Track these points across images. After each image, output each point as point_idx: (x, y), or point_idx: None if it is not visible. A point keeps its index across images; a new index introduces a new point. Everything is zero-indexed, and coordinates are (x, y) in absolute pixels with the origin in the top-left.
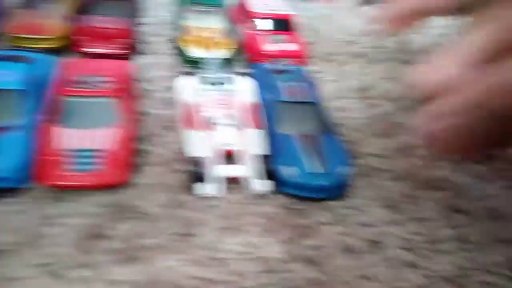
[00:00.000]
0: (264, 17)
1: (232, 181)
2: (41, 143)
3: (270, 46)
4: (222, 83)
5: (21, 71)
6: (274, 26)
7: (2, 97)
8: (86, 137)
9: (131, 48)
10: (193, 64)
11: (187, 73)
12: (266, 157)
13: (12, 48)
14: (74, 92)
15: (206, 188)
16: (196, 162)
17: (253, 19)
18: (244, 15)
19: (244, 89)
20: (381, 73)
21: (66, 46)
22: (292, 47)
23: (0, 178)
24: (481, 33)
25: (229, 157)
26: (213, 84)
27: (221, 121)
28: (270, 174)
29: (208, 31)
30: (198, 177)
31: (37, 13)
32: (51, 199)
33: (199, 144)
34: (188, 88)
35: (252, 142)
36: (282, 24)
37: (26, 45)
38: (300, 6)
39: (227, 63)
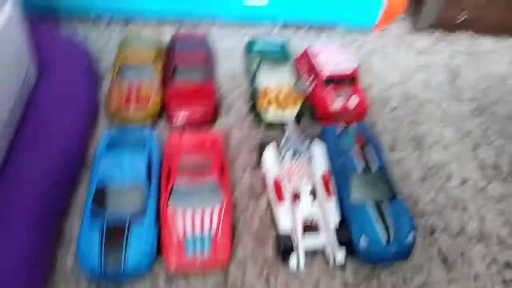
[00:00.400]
0: (332, 77)
1: (311, 252)
2: (163, 228)
3: (337, 102)
4: (300, 152)
5: (144, 157)
6: (342, 80)
7: (131, 188)
8: (197, 221)
9: (216, 109)
10: (270, 126)
11: (268, 142)
12: (340, 226)
13: (117, 126)
14: (182, 180)
15: (297, 261)
16: (285, 235)
17: (321, 77)
18: (309, 68)
19: (318, 156)
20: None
21: (159, 115)
22: (356, 101)
23: None
24: None
25: (310, 228)
26: (293, 153)
27: (303, 192)
28: (344, 244)
29: (280, 88)
30: (288, 251)
31: (133, 81)
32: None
33: (287, 217)
34: (271, 159)
35: (328, 212)
36: (349, 78)
37: (129, 120)
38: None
39: (297, 121)
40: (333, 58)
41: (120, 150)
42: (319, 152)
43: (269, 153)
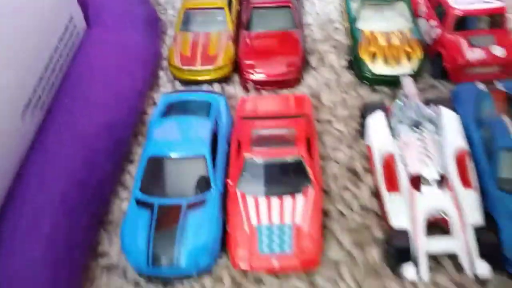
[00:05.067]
0: (468, 13)
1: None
2: (229, 215)
3: (474, 53)
4: (421, 122)
5: (206, 127)
6: (480, 22)
7: (187, 165)
8: (275, 208)
9: (301, 66)
10: (379, 85)
11: (378, 106)
12: (482, 227)
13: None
14: (256, 153)
15: (415, 270)
16: (400, 235)
17: (451, 16)
18: (434, 5)
19: (449, 127)
20: None
21: (231, 71)
22: (502, 50)
23: None
24: None
25: (438, 228)
26: (413, 123)
27: (428, 179)
28: (490, 251)
29: (391, 35)
30: (404, 255)
31: (200, 32)
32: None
33: (404, 211)
34: (382, 131)
35: (466, 207)
36: (491, 19)
37: (196, 78)
38: None
39: (417, 77)
40: None
41: (179, 116)
42: (450, 122)
43: (377, 120)
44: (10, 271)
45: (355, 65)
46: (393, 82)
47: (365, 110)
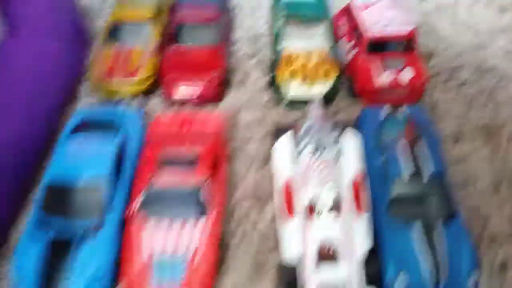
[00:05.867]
0: (379, 40)
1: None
2: (125, 245)
3: (385, 76)
4: (325, 146)
5: (112, 147)
6: (394, 45)
7: (86, 188)
8: (171, 236)
9: (223, 83)
10: (296, 104)
11: (288, 128)
12: (370, 254)
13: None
14: (158, 177)
15: None
16: (289, 269)
17: (364, 39)
18: (351, 29)
19: (349, 151)
20: None
21: (155, 84)
22: (410, 74)
23: None
24: None
25: (328, 256)
26: (316, 147)
27: (322, 204)
28: (375, 278)
29: (311, 54)
30: (293, 286)
31: (123, 46)
32: None
33: (297, 240)
34: (286, 155)
35: (357, 234)
36: (403, 43)
37: (116, 92)
38: None
39: (329, 100)
40: (383, 15)
41: (86, 134)
42: (351, 147)
43: (283, 145)
44: None
45: (274, 83)
46: (310, 102)
47: (276, 133)
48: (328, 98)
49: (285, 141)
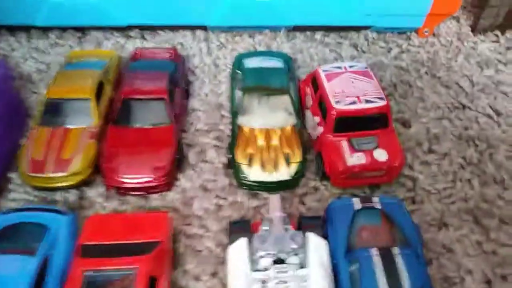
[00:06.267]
0: (349, 115)
1: None
2: None
3: (355, 158)
4: (284, 258)
5: (29, 267)
6: (364, 121)
7: None
8: None
9: (171, 169)
10: (256, 190)
11: (244, 227)
12: None
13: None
14: None
15: None
16: None
17: (331, 117)
18: (318, 100)
19: (314, 263)
20: None
21: (93, 173)
22: (384, 155)
23: None
24: None
25: None
26: (274, 259)
27: None
28: None
29: (271, 134)
30: None
31: (59, 126)
32: None
33: None
34: (240, 265)
35: None
36: (375, 119)
37: (47, 186)
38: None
39: (294, 184)
40: (352, 86)
41: (3, 249)
42: (316, 254)
43: (237, 251)
44: None
45: (232, 166)
46: (271, 188)
47: (230, 232)
48: (292, 184)
49: (239, 247)
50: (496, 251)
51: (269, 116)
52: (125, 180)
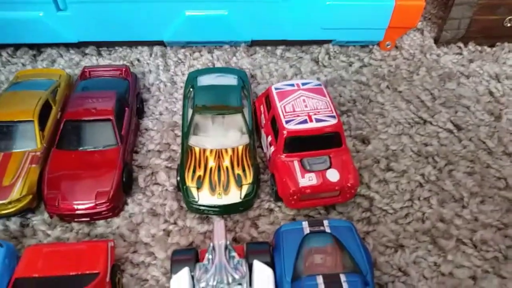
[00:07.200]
0: (300, 135)
1: None
2: None
3: (308, 179)
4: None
5: None
6: (316, 141)
7: None
8: None
9: (117, 194)
10: (206, 214)
11: (187, 256)
12: None
13: None
14: None
15: None
16: None
17: (281, 137)
18: (270, 119)
19: None
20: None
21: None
22: (336, 175)
23: None
24: None
25: None
26: None
27: None
28: None
29: (223, 155)
30: None
31: None
32: None
33: None
34: None
35: None
36: (327, 138)
37: None
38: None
39: (245, 207)
40: (304, 105)
41: None
42: (261, 284)
43: (180, 283)
44: None
45: (181, 189)
46: (221, 212)
47: (172, 262)
48: (244, 207)
49: (182, 279)
50: (453, 272)
51: (221, 136)
52: (66, 207)
